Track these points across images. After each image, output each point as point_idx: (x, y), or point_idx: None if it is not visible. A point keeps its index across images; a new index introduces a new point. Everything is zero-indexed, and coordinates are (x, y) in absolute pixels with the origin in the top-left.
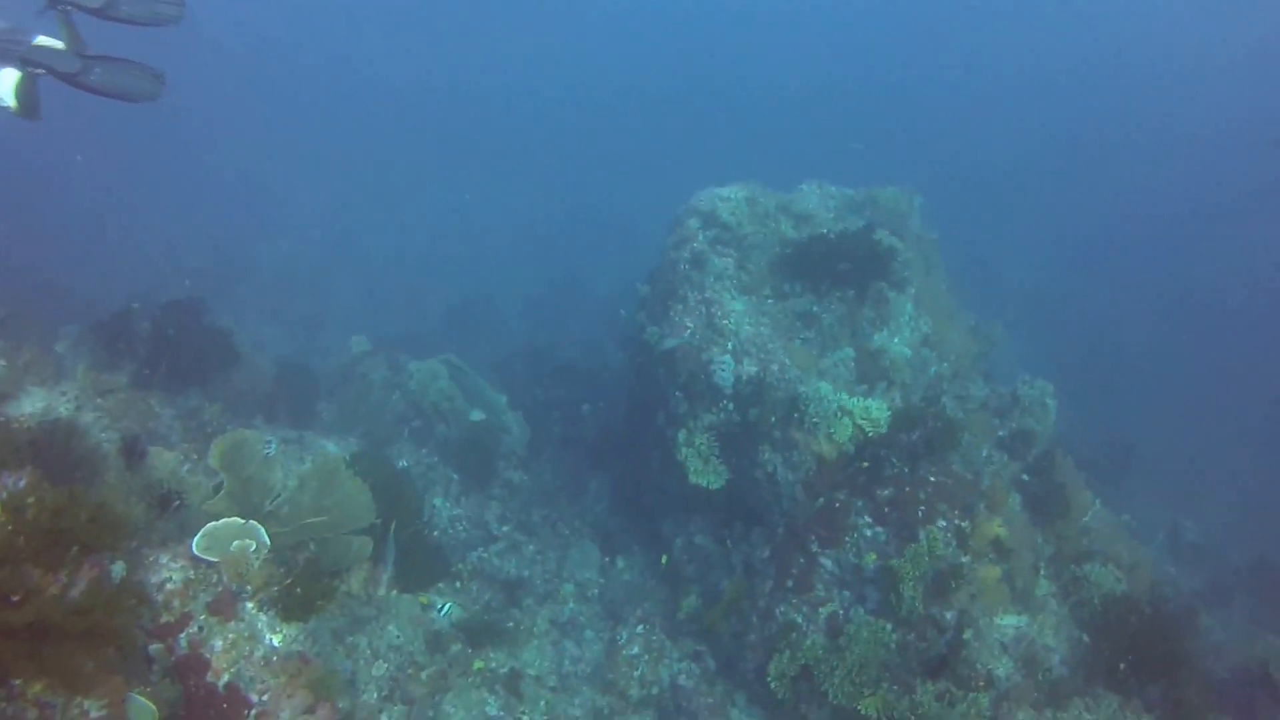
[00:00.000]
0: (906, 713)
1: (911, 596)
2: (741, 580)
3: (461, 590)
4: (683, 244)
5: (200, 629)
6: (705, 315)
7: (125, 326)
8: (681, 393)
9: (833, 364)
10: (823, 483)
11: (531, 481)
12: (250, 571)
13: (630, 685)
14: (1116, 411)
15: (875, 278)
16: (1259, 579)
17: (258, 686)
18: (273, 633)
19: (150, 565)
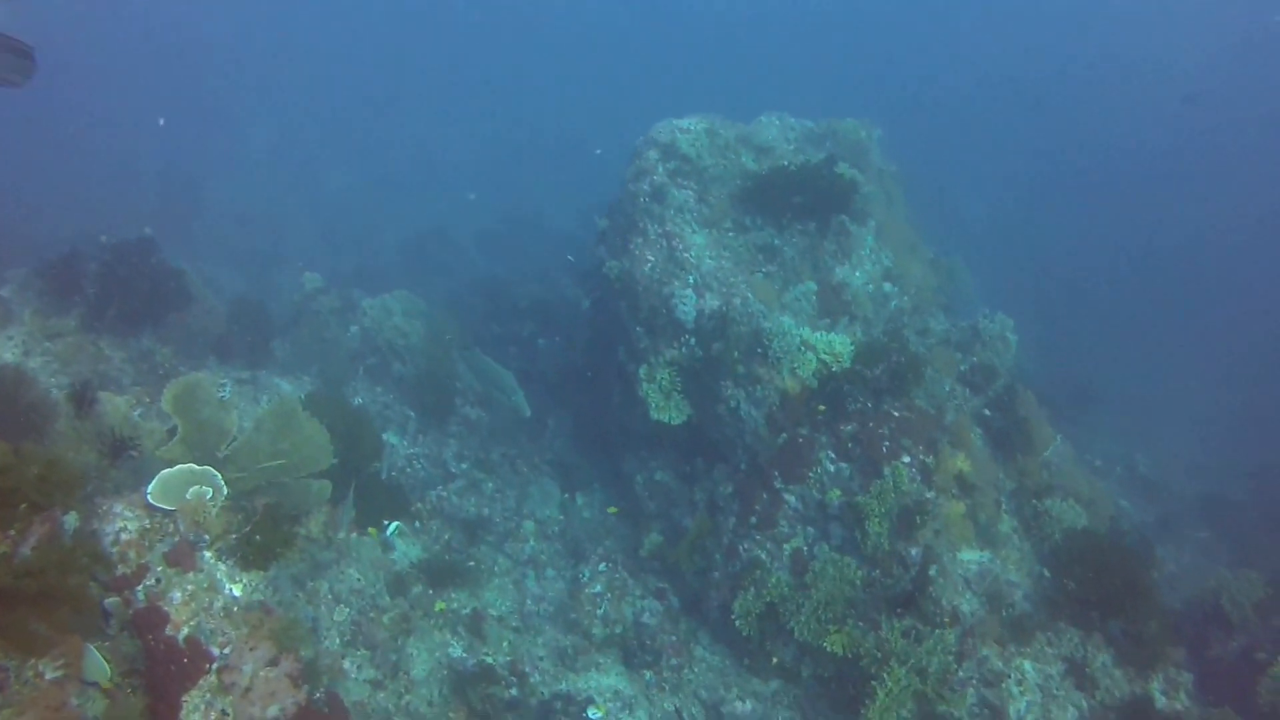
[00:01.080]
0: (873, 649)
1: (877, 533)
2: (705, 517)
3: (421, 530)
4: (642, 176)
5: (158, 581)
6: (666, 249)
7: (73, 268)
8: (642, 327)
9: (795, 298)
10: (786, 418)
11: (490, 418)
12: (208, 519)
13: (593, 624)
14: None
15: (837, 211)
16: (1210, 512)
17: (219, 639)
18: (233, 582)
19: (104, 515)
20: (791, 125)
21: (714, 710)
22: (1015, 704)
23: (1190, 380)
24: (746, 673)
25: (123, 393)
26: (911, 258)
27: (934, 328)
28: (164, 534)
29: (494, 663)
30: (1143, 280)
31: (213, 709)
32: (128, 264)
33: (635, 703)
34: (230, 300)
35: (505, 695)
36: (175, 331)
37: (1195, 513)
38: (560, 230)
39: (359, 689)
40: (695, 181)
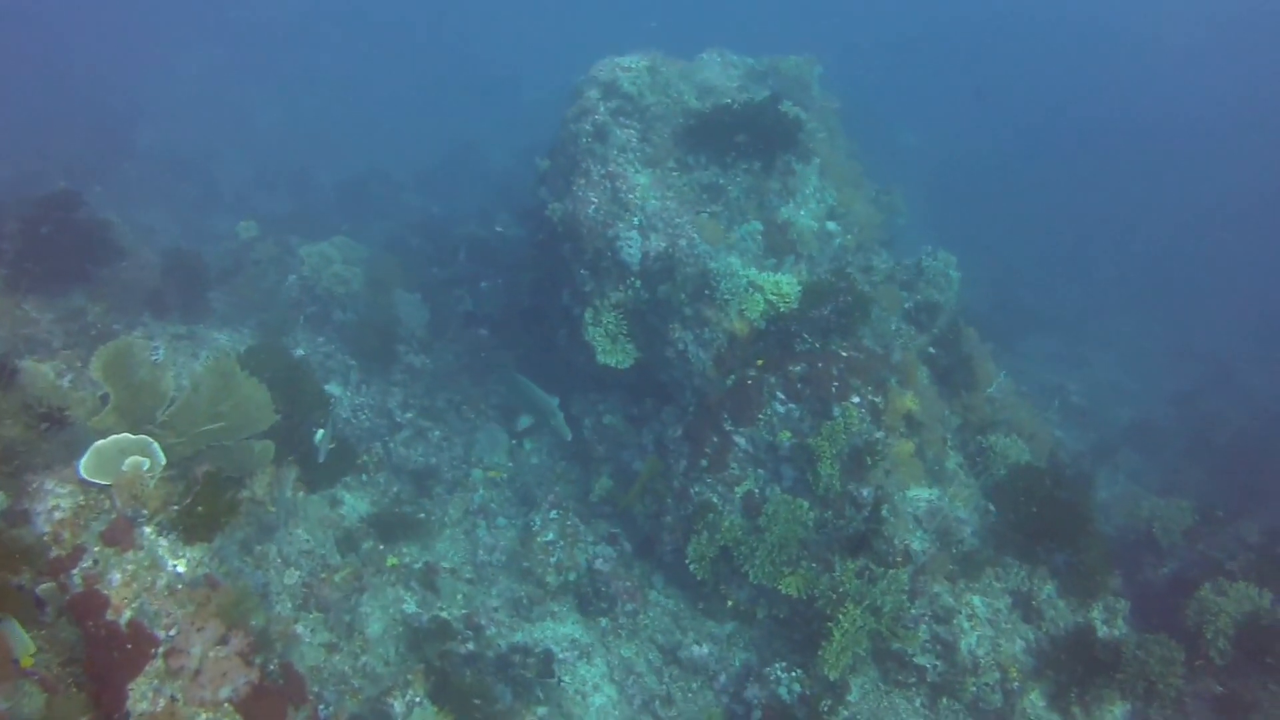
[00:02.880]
0: (827, 590)
1: (829, 474)
2: (655, 460)
3: (369, 483)
4: (583, 116)
5: (95, 562)
6: (609, 190)
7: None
8: (587, 270)
9: (740, 238)
10: (735, 360)
11: (434, 364)
12: (146, 492)
13: (547, 572)
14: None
15: (781, 149)
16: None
17: (163, 620)
18: (175, 558)
19: (34, 493)
20: (734, 62)
21: (671, 654)
22: (966, 638)
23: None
24: (702, 615)
25: (53, 356)
26: (855, 194)
27: (878, 265)
28: (99, 511)
29: (449, 617)
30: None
31: (161, 695)
32: (51, 219)
33: (592, 650)
34: (164, 252)
35: (462, 650)
36: (106, 287)
37: (1125, 440)
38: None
39: (314, 653)
40: (638, 120)
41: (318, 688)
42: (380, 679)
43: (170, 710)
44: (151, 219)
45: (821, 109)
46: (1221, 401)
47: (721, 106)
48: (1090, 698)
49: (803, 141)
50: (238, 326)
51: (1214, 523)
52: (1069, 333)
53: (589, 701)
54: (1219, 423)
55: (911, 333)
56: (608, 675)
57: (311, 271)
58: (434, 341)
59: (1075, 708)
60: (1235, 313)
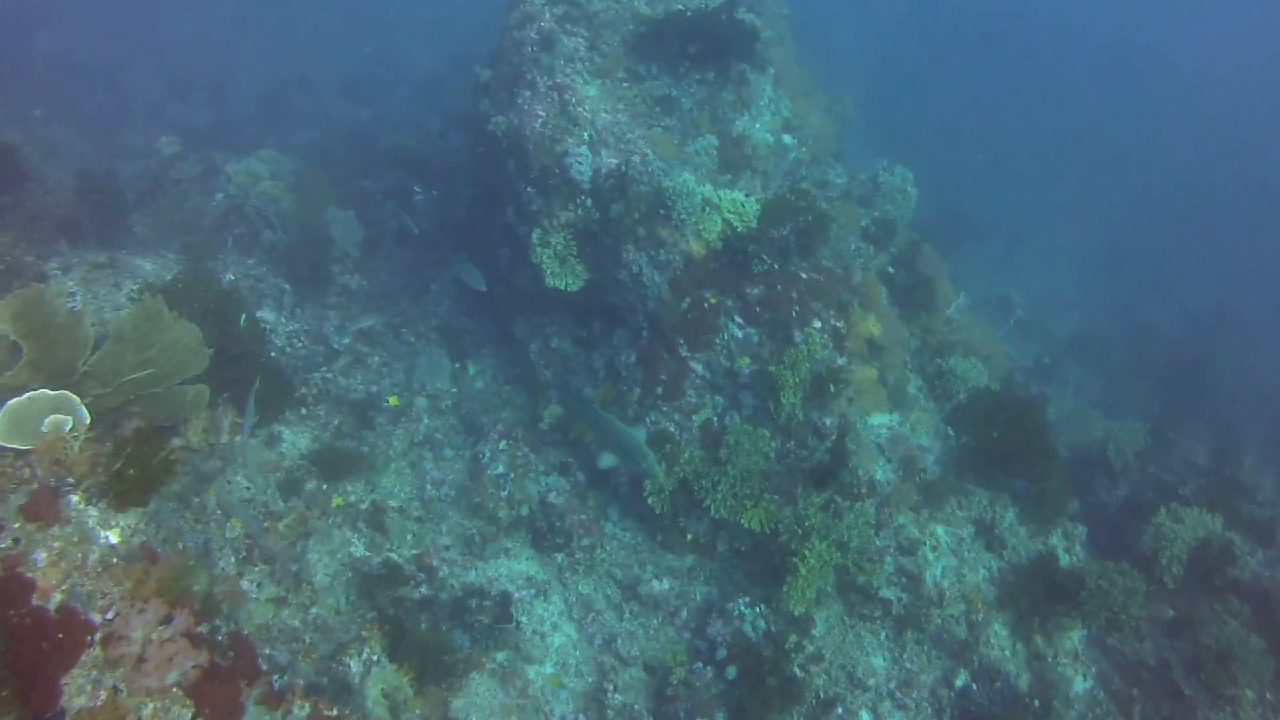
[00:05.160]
0: (791, 524)
1: (791, 403)
2: (608, 386)
3: (309, 416)
4: (527, 22)
5: (16, 541)
6: (557, 102)
7: None
8: (534, 188)
9: (695, 152)
10: (690, 282)
11: (370, 285)
12: (70, 456)
13: (499, 507)
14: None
15: (737, 59)
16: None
17: (99, 602)
18: (107, 528)
19: None
20: None
21: (630, 590)
22: (931, 569)
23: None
24: (660, 549)
25: None
26: (809, 105)
27: (834, 181)
28: (18, 481)
29: (399, 559)
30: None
31: (101, 687)
32: None
33: (549, 588)
34: (76, 173)
35: (415, 595)
36: (13, 216)
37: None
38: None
39: (261, 610)
40: (585, 28)
41: (268, 649)
42: (332, 631)
43: (112, 703)
44: (56, 136)
45: (773, 15)
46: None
47: (674, 13)
48: (1051, 626)
49: (758, 51)
50: (161, 251)
51: (1165, 444)
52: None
53: (548, 642)
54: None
55: (870, 252)
56: (566, 613)
57: (238, 190)
58: (368, 260)
59: (1037, 636)
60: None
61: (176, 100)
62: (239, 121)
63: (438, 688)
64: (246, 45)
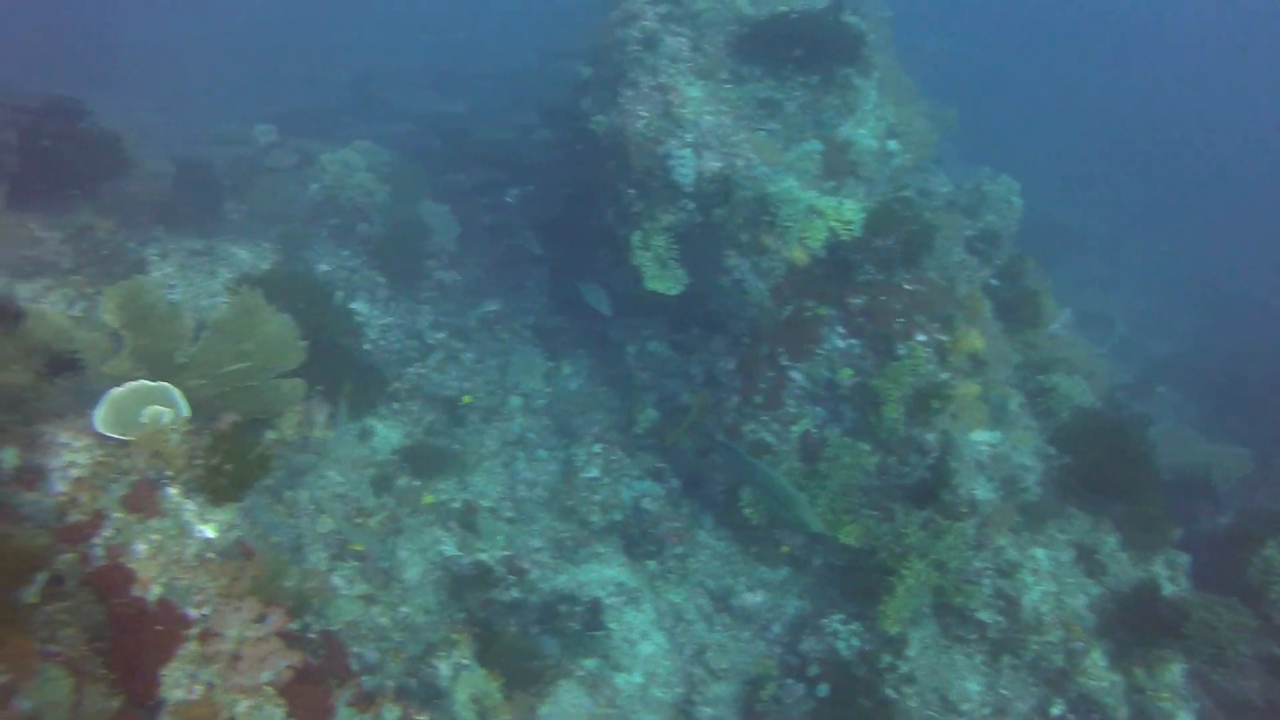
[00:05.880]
0: (890, 542)
1: (893, 418)
2: (705, 394)
3: (401, 411)
4: (630, 21)
5: (118, 531)
6: (660, 103)
7: None
8: (635, 190)
9: (799, 157)
10: (793, 290)
11: (464, 280)
12: (169, 448)
13: (591, 511)
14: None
15: (842, 63)
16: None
17: (195, 597)
18: (204, 523)
19: (48, 447)
20: None
21: (722, 601)
22: (1030, 594)
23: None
24: (754, 560)
25: (63, 282)
26: (912, 110)
27: (937, 189)
28: (120, 471)
29: (490, 560)
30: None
31: (196, 682)
32: (53, 130)
33: (640, 595)
34: (173, 160)
35: (505, 598)
36: (114, 201)
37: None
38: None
39: (350, 606)
40: (688, 27)
41: (357, 647)
42: (421, 631)
43: (207, 698)
44: (150, 120)
45: (876, 18)
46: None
47: (778, 15)
48: (1153, 658)
49: (864, 55)
50: (257, 240)
51: (1272, 472)
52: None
53: (637, 650)
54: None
55: (975, 264)
56: (656, 622)
57: (333, 180)
58: (463, 255)
59: (1137, 668)
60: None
61: (267, 88)
62: (330, 111)
63: (525, 694)
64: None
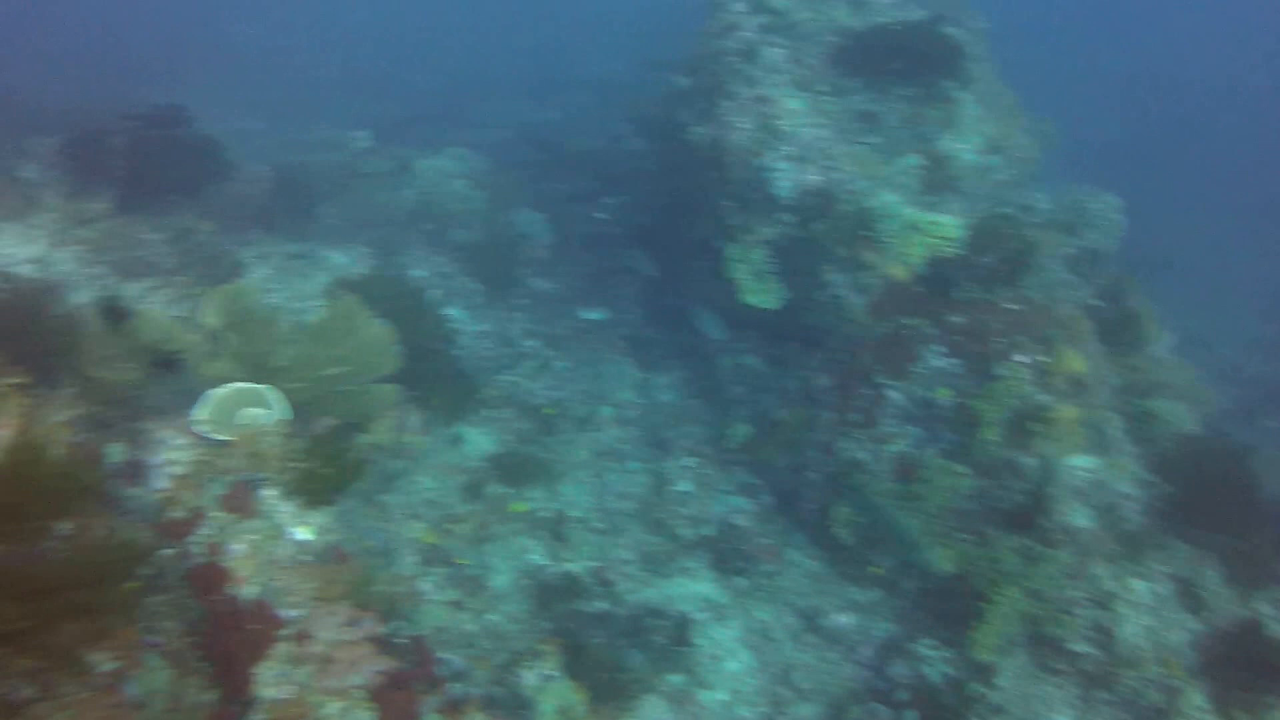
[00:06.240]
0: (984, 567)
1: (991, 440)
2: (800, 409)
3: (493, 418)
4: (728, 32)
5: (216, 530)
6: (759, 115)
7: (101, 144)
8: (733, 202)
9: (898, 172)
10: (890, 306)
11: (558, 289)
12: (267, 450)
13: (681, 525)
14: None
15: (942, 75)
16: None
17: (289, 598)
18: (299, 525)
19: (150, 444)
20: None
21: (811, 621)
22: (1127, 626)
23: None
24: (844, 580)
25: (165, 279)
26: (1012, 124)
27: (1038, 206)
28: (218, 470)
29: (578, 570)
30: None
31: (288, 682)
32: (158, 135)
33: (727, 612)
34: (272, 166)
35: (592, 609)
36: (215, 204)
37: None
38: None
39: (438, 612)
40: (787, 38)
41: (444, 653)
42: (507, 639)
43: (299, 699)
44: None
45: (974, 29)
46: None
47: (878, 27)
48: (1258, 704)
49: (964, 67)
50: (351, 244)
51: None
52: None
53: (723, 667)
54: None
55: (1076, 283)
56: (743, 640)
57: (429, 187)
58: (558, 264)
59: (1240, 713)
60: None
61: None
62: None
63: (610, 708)
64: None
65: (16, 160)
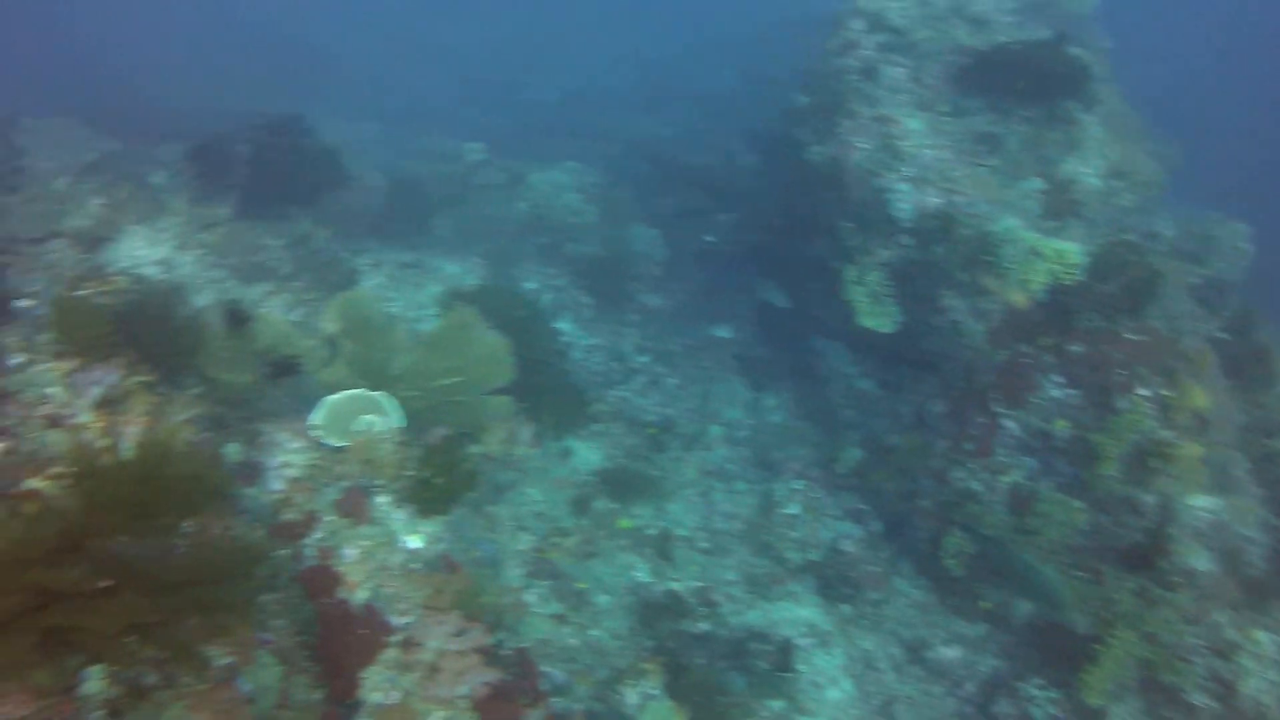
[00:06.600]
0: (1098, 607)
1: (1110, 476)
2: (914, 436)
3: (602, 433)
4: (848, 50)
5: (329, 534)
6: (880, 134)
7: (224, 151)
8: (852, 223)
9: (1020, 196)
10: (1009, 334)
11: (670, 305)
12: (381, 457)
13: (788, 548)
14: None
15: (1065, 96)
16: None
17: (398, 605)
18: (411, 534)
19: (267, 445)
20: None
21: (916, 653)
22: (1249, 680)
23: None
24: (951, 613)
25: (282, 284)
26: (1137, 148)
27: (1162, 233)
28: (333, 476)
29: (682, 589)
30: None
31: (395, 688)
32: (280, 143)
33: (831, 639)
34: (387, 176)
35: (695, 629)
36: (331, 212)
37: None
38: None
39: (542, 625)
40: (907, 57)
41: (546, 667)
42: (609, 656)
43: (404, 705)
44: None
45: (1097, 49)
46: None
47: (999, 46)
48: None
49: (1089, 88)
50: (464, 255)
51: None
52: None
53: (824, 695)
54: None
55: (1201, 315)
56: (846, 668)
57: (542, 200)
58: (668, 280)
59: None
60: None
61: (473, 106)
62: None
63: None
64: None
65: (148, 167)
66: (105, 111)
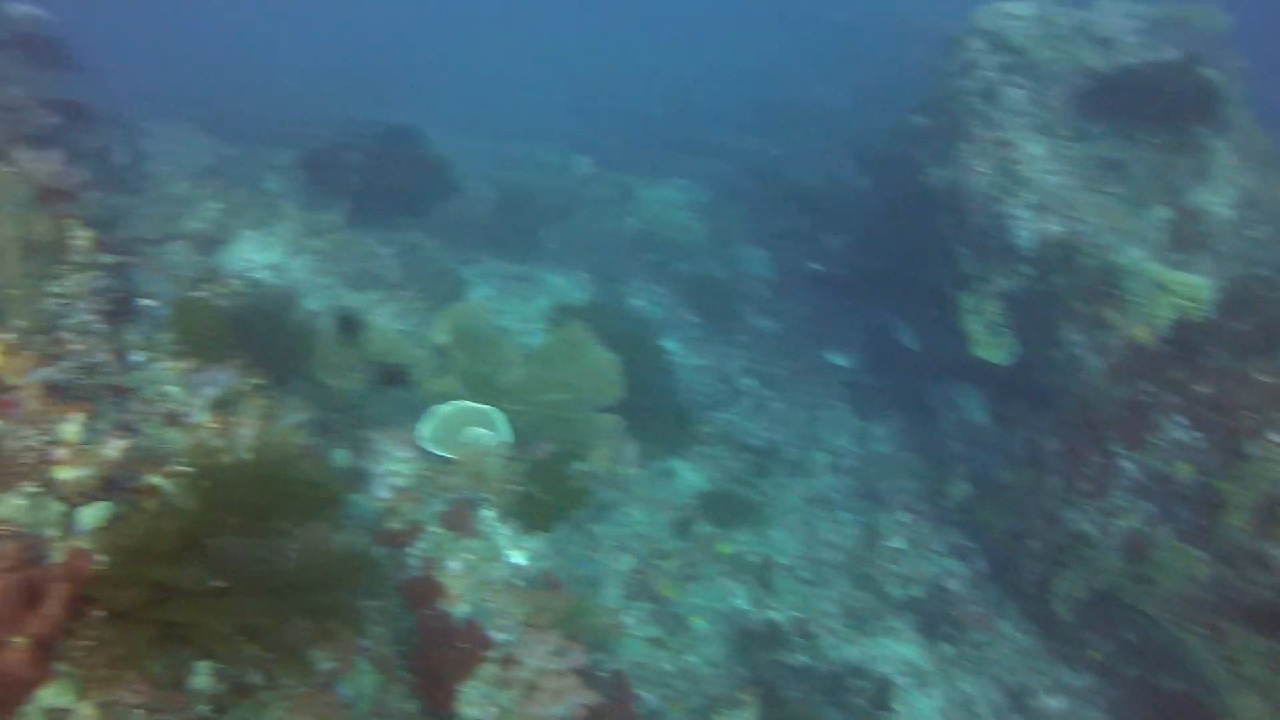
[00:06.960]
0: (1220, 668)
1: (1238, 526)
2: (1026, 472)
3: (706, 456)
4: (967, 71)
5: (434, 545)
6: (1000, 158)
7: (337, 159)
8: (970, 250)
9: (1146, 225)
10: (1130, 370)
11: (779, 328)
12: (488, 471)
13: (890, 582)
14: None
15: (1195, 121)
16: None
17: (500, 621)
18: (515, 549)
19: (374, 453)
20: (1136, 12)
21: (1017, 700)
22: None
23: None
24: (1058, 660)
25: (394, 297)
26: (1272, 176)
27: None
28: (440, 487)
29: (781, 619)
30: None
31: (492, 704)
32: (392, 153)
33: (930, 679)
34: (496, 187)
35: (792, 661)
36: (440, 222)
37: None
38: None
39: (638, 648)
40: (1028, 79)
41: (641, 690)
42: (703, 683)
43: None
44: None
45: (1230, 69)
46: None
47: (1125, 68)
48: None
49: (1221, 113)
50: (572, 269)
51: None
52: None
53: None
54: None
55: None
56: (944, 711)
57: (652, 216)
58: (778, 302)
59: None
60: None
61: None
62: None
63: None
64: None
65: (263, 172)
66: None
